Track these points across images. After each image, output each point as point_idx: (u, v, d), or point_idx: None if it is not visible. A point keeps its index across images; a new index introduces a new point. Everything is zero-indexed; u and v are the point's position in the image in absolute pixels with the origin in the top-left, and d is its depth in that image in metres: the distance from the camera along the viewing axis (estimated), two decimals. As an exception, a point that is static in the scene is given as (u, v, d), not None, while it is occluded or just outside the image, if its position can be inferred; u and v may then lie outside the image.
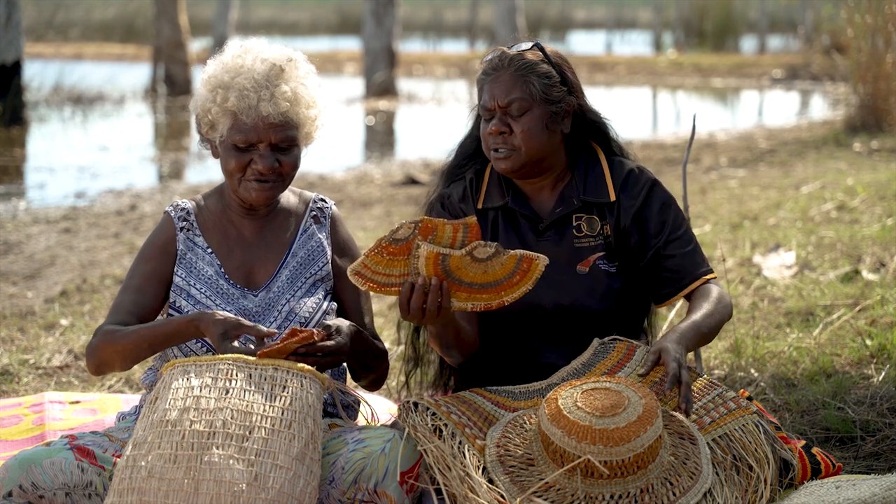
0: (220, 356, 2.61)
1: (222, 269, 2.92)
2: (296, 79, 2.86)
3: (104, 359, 2.83)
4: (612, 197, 3.06)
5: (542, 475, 2.58)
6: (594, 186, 3.07)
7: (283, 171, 2.87)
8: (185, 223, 2.96)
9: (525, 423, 2.71)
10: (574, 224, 3.05)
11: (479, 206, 3.09)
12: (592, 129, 3.14)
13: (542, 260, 2.71)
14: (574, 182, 3.07)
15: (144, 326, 2.80)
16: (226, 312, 2.76)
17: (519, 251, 2.71)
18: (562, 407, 2.58)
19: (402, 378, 3.31)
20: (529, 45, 3.05)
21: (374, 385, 3.01)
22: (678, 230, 3.04)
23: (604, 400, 2.59)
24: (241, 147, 2.83)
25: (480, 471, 2.63)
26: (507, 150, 2.98)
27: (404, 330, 3.28)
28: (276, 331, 2.74)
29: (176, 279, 2.91)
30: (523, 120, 2.97)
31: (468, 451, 2.65)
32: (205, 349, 2.84)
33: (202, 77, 2.90)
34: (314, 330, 2.70)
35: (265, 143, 2.83)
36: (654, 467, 2.57)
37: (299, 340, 2.66)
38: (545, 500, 2.54)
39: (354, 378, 2.99)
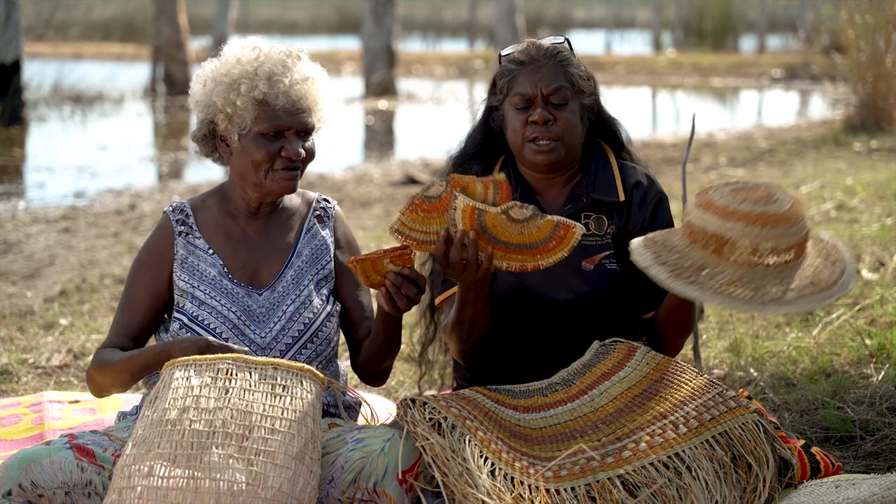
0: (221, 355, 2.61)
1: (225, 269, 2.92)
2: (310, 65, 2.92)
3: (100, 384, 2.89)
4: (622, 197, 3.06)
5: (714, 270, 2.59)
6: (604, 186, 3.07)
7: (307, 159, 2.90)
8: (183, 227, 2.95)
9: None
10: (582, 222, 3.05)
11: None
12: (604, 127, 3.15)
13: (579, 228, 2.71)
14: (584, 180, 3.08)
15: (126, 356, 2.82)
16: (192, 335, 2.78)
17: (556, 217, 2.72)
18: (727, 203, 2.59)
19: (407, 374, 3.30)
20: (561, 38, 3.07)
21: (381, 377, 3.01)
22: None
23: (755, 192, 2.62)
24: (270, 136, 2.85)
25: (483, 461, 2.62)
26: (550, 141, 2.98)
27: (406, 330, 3.28)
28: (245, 348, 2.73)
29: (180, 283, 2.90)
30: (566, 110, 2.99)
31: (469, 442, 2.64)
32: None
33: (206, 77, 2.87)
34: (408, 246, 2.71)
35: (293, 130, 2.86)
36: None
37: (396, 252, 2.67)
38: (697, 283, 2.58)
39: (371, 364, 2.97)
